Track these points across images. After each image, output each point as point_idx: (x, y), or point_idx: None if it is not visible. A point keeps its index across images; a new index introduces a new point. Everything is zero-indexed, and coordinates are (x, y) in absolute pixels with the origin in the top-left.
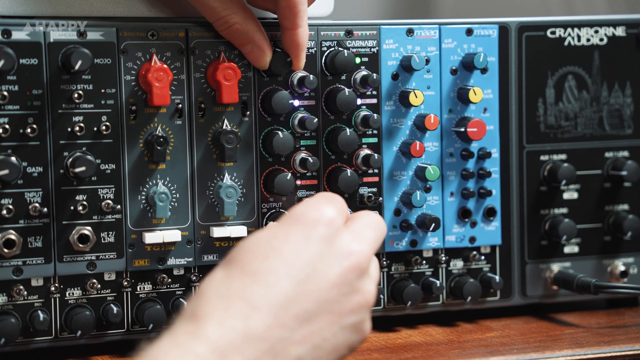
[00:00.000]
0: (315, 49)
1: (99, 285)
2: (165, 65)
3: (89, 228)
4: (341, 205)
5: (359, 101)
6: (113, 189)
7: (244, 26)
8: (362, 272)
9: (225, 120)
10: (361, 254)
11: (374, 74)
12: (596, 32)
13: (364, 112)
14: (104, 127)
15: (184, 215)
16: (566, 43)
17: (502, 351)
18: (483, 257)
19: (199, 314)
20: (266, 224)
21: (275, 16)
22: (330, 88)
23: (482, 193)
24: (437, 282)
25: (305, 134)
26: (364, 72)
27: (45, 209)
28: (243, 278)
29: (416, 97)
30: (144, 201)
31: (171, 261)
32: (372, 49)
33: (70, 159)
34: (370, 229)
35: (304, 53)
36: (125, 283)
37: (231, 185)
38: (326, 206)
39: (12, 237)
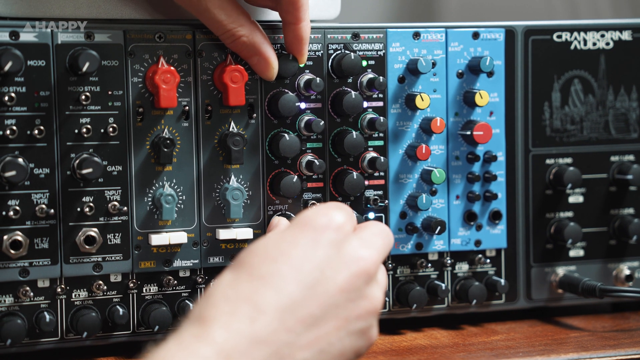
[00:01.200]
0: (322, 51)
1: (105, 287)
2: (172, 68)
3: (95, 229)
4: (350, 212)
5: (365, 104)
6: (120, 191)
7: (251, 38)
8: (370, 278)
9: (232, 123)
10: (369, 259)
11: (381, 77)
12: (602, 36)
13: (370, 115)
14: (111, 129)
15: (190, 217)
16: (572, 47)
17: (507, 354)
18: (488, 261)
19: (206, 316)
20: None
21: (272, 18)
22: (337, 91)
23: (487, 196)
24: (443, 285)
25: (312, 137)
26: (371, 75)
27: (52, 211)
28: (251, 281)
29: (422, 100)
30: (150, 203)
31: (177, 263)
32: (379, 52)
33: (77, 161)
34: (379, 237)
35: (307, 47)
36: (131, 285)
37: (237, 188)
38: (335, 212)
39: (19, 238)
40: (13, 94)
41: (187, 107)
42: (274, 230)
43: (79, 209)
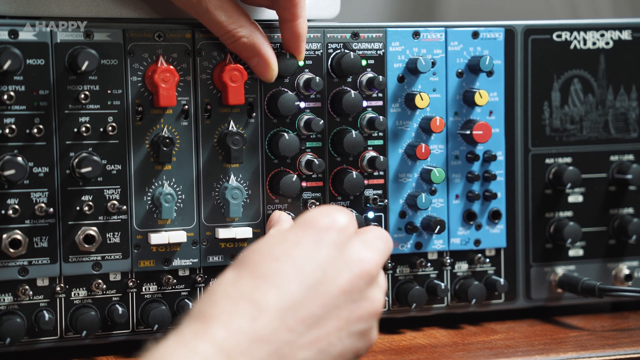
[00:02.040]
0: (321, 51)
1: (105, 286)
2: (171, 67)
3: (94, 228)
4: (352, 215)
5: (364, 103)
6: (119, 190)
7: (251, 39)
8: (372, 280)
9: (231, 122)
10: (371, 261)
11: (380, 76)
12: (602, 35)
13: (369, 114)
14: (110, 128)
15: (190, 216)
16: (572, 46)
17: (506, 354)
18: (488, 260)
19: (207, 314)
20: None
21: (268, 17)
22: (336, 90)
23: (487, 196)
24: (442, 284)
25: (311, 136)
26: (370, 75)
27: (51, 209)
28: (252, 280)
29: (422, 99)
30: (149, 202)
31: (176, 262)
32: (378, 52)
33: (77, 160)
34: (380, 240)
35: (304, 44)
36: (131, 284)
37: (237, 187)
38: (338, 213)
39: (18, 237)
40: (12, 93)
41: (186, 106)
42: (276, 227)
43: (78, 208)
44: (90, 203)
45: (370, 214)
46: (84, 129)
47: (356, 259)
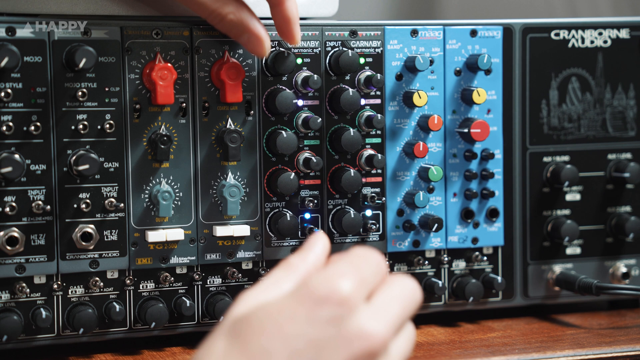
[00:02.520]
0: (319, 48)
1: (102, 283)
2: (169, 64)
3: (92, 226)
4: (370, 271)
5: (362, 101)
6: (116, 187)
7: (238, 15)
8: (376, 356)
9: (229, 120)
10: (375, 336)
11: (378, 75)
12: (600, 34)
13: (367, 113)
14: (107, 126)
15: (187, 214)
16: (570, 45)
17: (503, 351)
18: (485, 258)
19: None
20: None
21: (261, 15)
22: (334, 88)
23: (484, 194)
24: (440, 282)
25: (309, 134)
26: (368, 73)
27: (49, 207)
28: (241, 356)
29: (420, 97)
30: (147, 200)
31: (174, 260)
32: (377, 50)
33: (74, 157)
34: (397, 302)
35: (297, 26)
36: (128, 281)
37: (234, 185)
38: (343, 280)
39: (15, 234)
40: (9, 90)
41: (184, 104)
42: (299, 257)
43: (75, 206)
44: (88, 201)
45: (368, 212)
46: (81, 126)
47: (358, 335)
